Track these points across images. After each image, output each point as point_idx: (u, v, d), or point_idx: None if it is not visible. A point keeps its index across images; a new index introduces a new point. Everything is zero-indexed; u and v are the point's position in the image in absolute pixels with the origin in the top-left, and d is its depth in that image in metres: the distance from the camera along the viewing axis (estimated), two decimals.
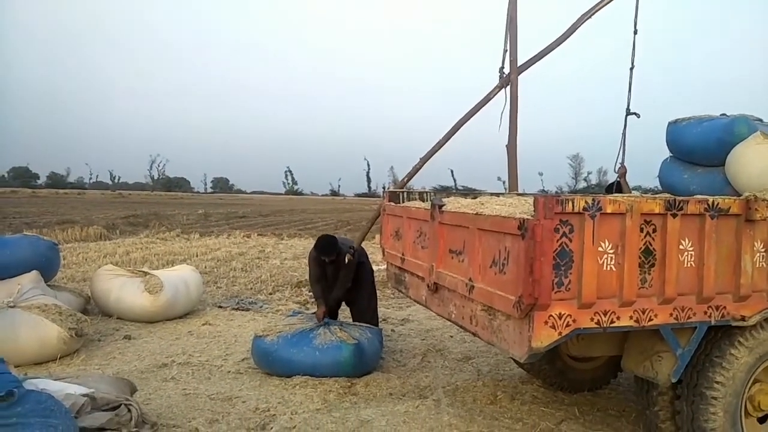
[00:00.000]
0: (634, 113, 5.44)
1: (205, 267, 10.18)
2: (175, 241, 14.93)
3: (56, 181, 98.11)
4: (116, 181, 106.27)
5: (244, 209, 36.89)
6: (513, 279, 2.73)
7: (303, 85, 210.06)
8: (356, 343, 4.56)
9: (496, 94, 5.63)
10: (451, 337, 5.91)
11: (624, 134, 5.58)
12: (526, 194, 5.72)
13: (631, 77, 5.60)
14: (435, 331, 6.14)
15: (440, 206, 3.66)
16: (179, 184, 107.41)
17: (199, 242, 14.77)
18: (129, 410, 3.14)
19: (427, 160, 5.46)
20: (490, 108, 6.12)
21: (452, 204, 3.85)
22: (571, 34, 5.78)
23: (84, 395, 3.04)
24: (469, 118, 5.64)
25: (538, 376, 4.50)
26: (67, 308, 5.24)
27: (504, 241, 2.84)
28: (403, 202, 4.90)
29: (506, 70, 5.84)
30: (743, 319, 2.93)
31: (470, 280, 3.17)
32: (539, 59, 5.87)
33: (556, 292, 2.59)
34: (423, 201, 4.81)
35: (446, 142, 5.64)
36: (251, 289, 8.52)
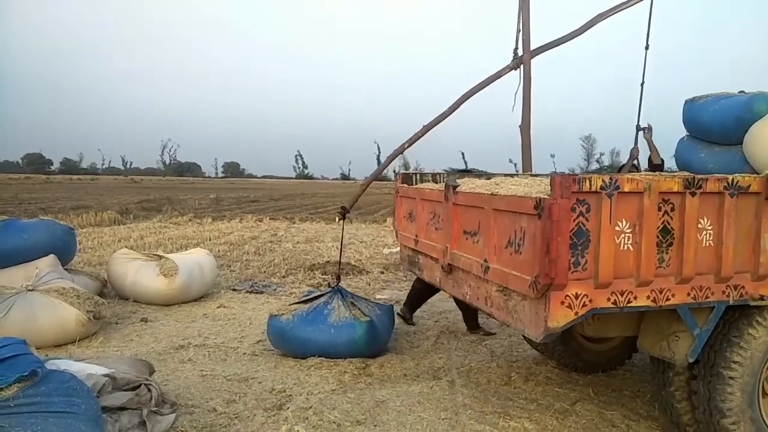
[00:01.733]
0: (644, 128, 5.32)
1: (218, 251, 10.25)
2: (188, 226, 15.04)
3: (69, 167, 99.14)
4: (128, 166, 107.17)
5: (256, 193, 37.04)
6: (529, 259, 2.72)
7: (311, 70, 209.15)
8: (369, 320, 4.57)
9: (506, 73, 5.57)
10: None
11: (637, 131, 5.44)
12: (540, 175, 5.68)
13: (641, 93, 5.50)
14: (448, 312, 6.15)
15: (454, 187, 3.64)
16: (191, 169, 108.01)
17: (212, 226, 14.87)
18: (149, 390, 3.19)
19: (430, 129, 5.41)
20: (503, 90, 6.06)
21: (466, 185, 3.83)
22: (587, 29, 5.69)
23: (105, 375, 3.09)
24: (475, 92, 5.58)
25: (552, 357, 4.50)
26: (85, 291, 5.31)
27: (520, 221, 2.82)
28: (416, 183, 4.89)
29: (520, 52, 5.78)
30: (762, 298, 2.90)
31: (485, 260, 3.16)
32: (553, 47, 5.78)
33: (572, 272, 2.58)
34: (436, 183, 4.79)
35: (451, 113, 5.61)
36: (264, 272, 8.58)
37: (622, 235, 2.67)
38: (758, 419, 2.91)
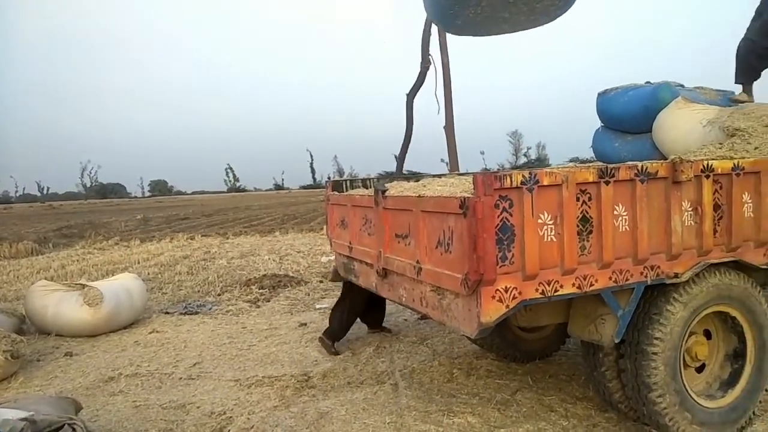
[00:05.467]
0: None
1: (149, 273, 9.81)
2: (114, 250, 14.31)
3: None
4: (45, 192, 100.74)
5: (186, 211, 35.78)
6: (459, 257, 2.77)
7: (237, 82, 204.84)
8: None
9: (425, 74, 5.69)
10: (405, 320, 5.96)
11: None
12: (468, 173, 5.80)
13: None
14: (389, 316, 6.15)
15: (383, 192, 3.66)
16: (114, 190, 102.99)
17: (140, 249, 14.22)
18: (73, 429, 2.98)
19: (407, 148, 5.48)
20: (426, 93, 6.17)
21: (395, 188, 3.86)
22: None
23: (23, 419, 2.86)
24: (413, 97, 5.68)
25: (491, 350, 4.60)
26: (0, 330, 4.92)
27: (447, 220, 2.86)
28: (347, 190, 4.87)
29: (432, 55, 5.89)
30: (677, 276, 3.07)
31: (418, 262, 3.19)
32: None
33: (500, 267, 2.64)
34: (367, 188, 4.79)
35: (411, 126, 5.70)
36: (199, 291, 8.28)
37: (545, 227, 2.76)
38: (681, 390, 3.09)
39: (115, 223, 25.67)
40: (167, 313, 6.99)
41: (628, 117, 5.43)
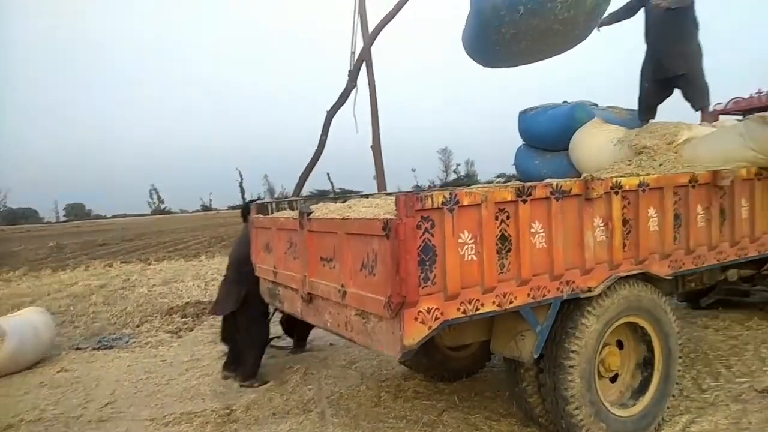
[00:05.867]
0: None
1: (60, 306, 9.11)
2: (22, 281, 13.22)
3: None
4: None
5: (105, 236, 33.74)
6: (382, 280, 2.74)
7: (161, 101, 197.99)
8: None
9: (348, 94, 5.71)
10: (332, 344, 5.84)
11: None
12: (396, 193, 5.84)
13: None
14: (316, 341, 6.03)
15: (308, 214, 3.59)
16: (25, 216, 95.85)
17: (52, 279, 13.22)
18: None
19: (313, 166, 5.40)
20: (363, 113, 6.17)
21: (320, 210, 3.79)
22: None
23: None
24: (332, 116, 5.66)
25: (419, 371, 4.59)
26: None
27: (371, 243, 2.84)
28: (272, 213, 4.75)
29: (363, 75, 5.94)
30: (590, 290, 3.20)
31: (342, 286, 3.13)
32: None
33: (423, 288, 2.64)
34: (293, 210, 4.70)
35: (323, 145, 5.66)
36: (115, 323, 7.76)
37: (466, 247, 2.79)
38: (596, 401, 3.20)
39: (24, 251, 23.80)
40: (78, 349, 6.49)
41: (548, 135, 5.69)
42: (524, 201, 2.94)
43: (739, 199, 3.93)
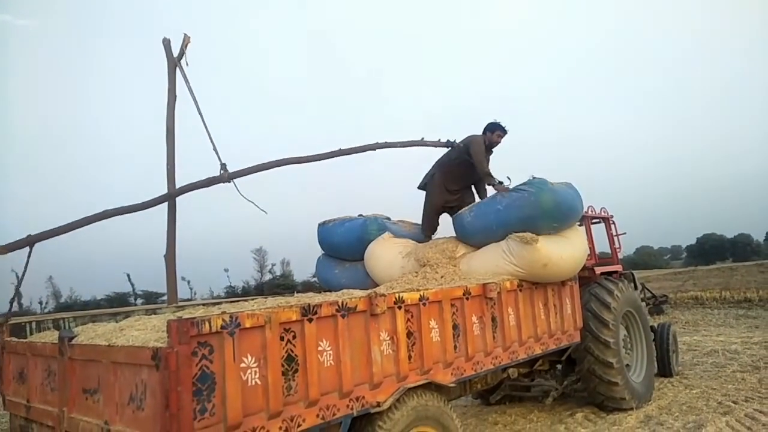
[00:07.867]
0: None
1: None
2: None
3: None
4: None
5: None
6: (151, 415, 2.46)
7: None
8: None
9: (216, 183, 5.44)
10: None
11: None
12: (191, 304, 5.47)
13: None
14: None
15: (69, 339, 3.14)
16: None
17: None
18: None
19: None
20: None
21: (86, 333, 3.34)
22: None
23: None
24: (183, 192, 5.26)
25: None
26: None
27: (140, 373, 2.56)
28: (31, 334, 4.07)
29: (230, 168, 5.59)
30: (379, 404, 3.24)
31: (106, 423, 2.75)
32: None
33: (199, 421, 2.42)
34: (59, 330, 4.07)
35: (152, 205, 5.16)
36: None
37: (249, 371, 2.65)
38: None
39: None
40: None
41: (345, 246, 5.96)
42: (310, 320, 2.93)
43: (506, 308, 4.42)
